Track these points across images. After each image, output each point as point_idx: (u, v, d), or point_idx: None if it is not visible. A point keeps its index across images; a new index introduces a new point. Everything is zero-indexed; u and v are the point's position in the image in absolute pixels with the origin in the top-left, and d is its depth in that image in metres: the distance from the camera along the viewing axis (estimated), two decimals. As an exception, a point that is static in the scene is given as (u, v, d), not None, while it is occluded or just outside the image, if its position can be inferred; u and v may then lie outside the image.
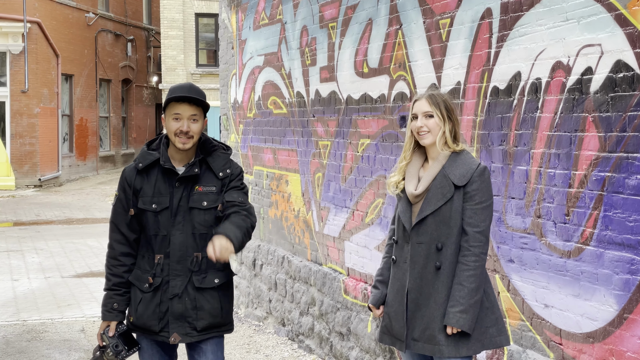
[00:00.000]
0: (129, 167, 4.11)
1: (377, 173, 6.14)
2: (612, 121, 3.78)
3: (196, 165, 4.01)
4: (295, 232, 7.85)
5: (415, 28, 5.51)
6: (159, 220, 4.00)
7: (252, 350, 7.33)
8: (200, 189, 4.00)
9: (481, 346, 3.80)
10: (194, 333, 4.02)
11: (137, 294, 4.05)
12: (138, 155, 4.10)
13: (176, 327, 4.00)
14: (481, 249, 3.76)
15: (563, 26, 4.10)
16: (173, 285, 3.99)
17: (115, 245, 4.09)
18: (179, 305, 3.99)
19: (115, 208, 4.11)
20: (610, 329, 3.83)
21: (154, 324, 4.01)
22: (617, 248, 3.76)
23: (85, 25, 29.66)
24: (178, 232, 3.99)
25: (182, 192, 4.00)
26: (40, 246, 13.81)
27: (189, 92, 3.98)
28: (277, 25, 8.11)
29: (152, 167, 4.04)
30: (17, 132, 25.41)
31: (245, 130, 9.20)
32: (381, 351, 5.91)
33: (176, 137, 3.97)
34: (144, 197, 4.02)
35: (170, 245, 3.99)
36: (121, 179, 4.11)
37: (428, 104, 3.86)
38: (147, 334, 4.07)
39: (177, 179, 4.00)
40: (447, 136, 3.85)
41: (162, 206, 4.00)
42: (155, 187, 4.01)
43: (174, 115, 3.97)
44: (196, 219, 4.00)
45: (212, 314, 4.04)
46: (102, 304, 4.14)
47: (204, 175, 4.03)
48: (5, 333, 7.98)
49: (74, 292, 10.04)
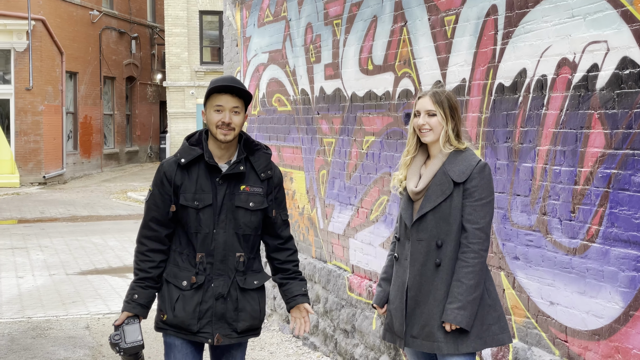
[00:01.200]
0: (168, 162, 3.99)
1: (382, 170, 6.14)
2: (618, 118, 3.77)
3: (242, 163, 3.93)
4: (299, 230, 7.85)
5: (420, 25, 5.50)
6: (200, 218, 3.89)
7: (256, 348, 7.33)
8: (248, 189, 3.94)
9: (483, 343, 3.80)
10: (234, 335, 3.94)
11: (174, 292, 3.92)
12: (179, 150, 3.99)
13: (218, 328, 3.90)
14: (480, 246, 3.75)
15: (569, 23, 4.09)
16: (217, 285, 3.89)
17: (145, 241, 3.97)
18: (221, 306, 3.90)
19: (148, 204, 4.00)
20: (616, 326, 3.82)
21: (192, 323, 3.89)
22: (623, 245, 3.75)
23: (90, 22, 29.68)
24: (222, 231, 3.90)
25: (226, 190, 3.91)
26: (44, 243, 13.83)
27: (231, 82, 3.91)
28: (281, 22, 8.10)
29: (194, 163, 3.93)
30: (22, 129, 25.45)
31: (249, 127, 9.20)
32: (386, 348, 5.91)
33: (218, 129, 3.87)
34: (186, 193, 3.91)
35: (213, 243, 3.90)
36: (158, 174, 3.98)
37: (431, 102, 3.86)
38: (182, 334, 3.93)
39: (220, 177, 3.91)
40: (450, 134, 3.84)
41: (204, 203, 3.90)
42: (197, 184, 3.91)
43: (215, 107, 3.87)
44: (242, 219, 3.93)
45: (253, 315, 3.97)
46: (125, 295, 3.99)
47: (249, 175, 3.96)
48: (10, 330, 7.99)
49: (79, 289, 10.06)
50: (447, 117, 3.84)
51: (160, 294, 3.98)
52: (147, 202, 4.02)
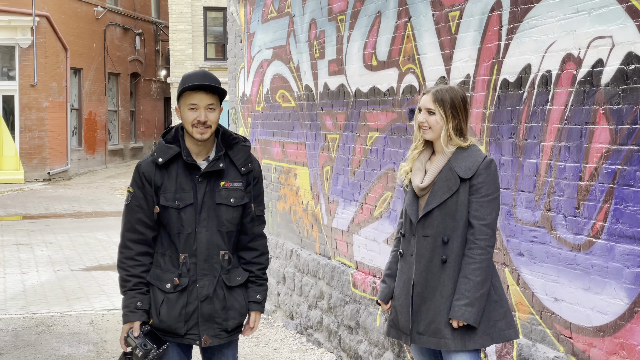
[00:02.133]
0: (145, 162, 3.87)
1: (386, 166, 6.13)
2: (623, 114, 3.76)
3: (221, 160, 3.84)
4: (303, 226, 7.84)
5: (425, 20, 5.49)
6: (182, 218, 3.80)
7: (260, 344, 7.33)
8: (228, 185, 3.85)
9: (490, 339, 3.79)
10: (223, 334, 3.87)
11: (158, 295, 3.82)
12: (156, 149, 3.88)
13: (206, 329, 3.82)
14: (487, 242, 3.74)
15: (574, 18, 4.07)
16: (202, 286, 3.81)
17: (131, 244, 3.84)
18: (208, 307, 3.82)
19: (129, 206, 3.86)
20: (620, 322, 3.81)
21: (179, 326, 3.80)
22: (628, 241, 3.74)
23: (94, 19, 29.69)
24: (204, 230, 3.81)
25: (206, 188, 3.82)
26: (49, 239, 13.85)
27: (204, 80, 3.78)
28: (285, 18, 8.09)
29: (172, 162, 3.83)
30: (26, 125, 25.48)
31: (253, 123, 9.20)
32: (390, 345, 5.90)
33: (193, 128, 3.77)
34: (166, 193, 3.81)
35: (196, 243, 3.81)
36: (136, 174, 3.86)
37: (432, 100, 3.83)
38: (169, 337, 3.84)
39: (200, 174, 3.82)
40: (451, 133, 3.81)
41: (185, 203, 3.80)
42: (177, 183, 3.81)
43: (190, 106, 3.77)
44: (224, 216, 3.84)
45: (241, 312, 3.91)
46: (123, 306, 3.84)
47: (228, 170, 3.87)
48: (14, 326, 8.00)
49: (83, 285, 10.07)
50: (447, 117, 3.80)
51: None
52: (129, 205, 3.86)
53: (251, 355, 6.91)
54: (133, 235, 3.85)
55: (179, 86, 3.85)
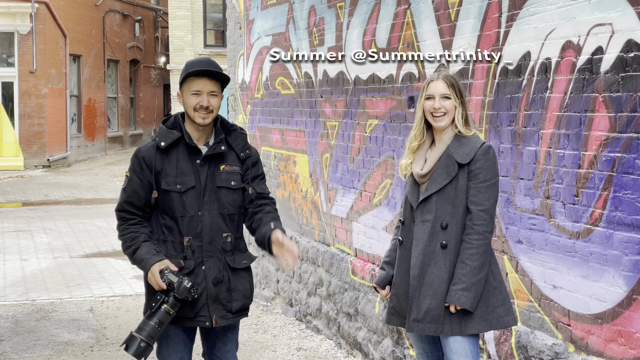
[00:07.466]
0: (145, 147, 3.95)
1: (385, 154, 6.12)
2: (622, 101, 3.75)
3: (222, 143, 3.94)
4: (303, 213, 7.84)
5: (424, 8, 5.47)
6: (184, 201, 3.87)
7: (259, 331, 7.35)
8: (228, 168, 3.94)
9: (488, 325, 3.80)
10: (229, 315, 3.92)
11: None
12: (157, 133, 3.95)
13: (214, 310, 3.88)
14: (485, 228, 3.76)
15: (573, 5, 4.06)
16: (208, 267, 3.87)
17: (127, 215, 3.91)
18: (215, 288, 3.87)
19: (125, 190, 3.93)
20: (619, 310, 3.82)
21: (188, 310, 3.85)
22: (627, 229, 3.74)
23: (93, 5, 29.61)
24: (207, 213, 3.89)
25: (207, 171, 3.91)
26: (49, 226, 13.86)
27: (208, 66, 3.88)
28: (285, 5, 8.06)
29: (172, 147, 3.91)
30: (26, 112, 25.44)
31: (253, 110, 9.18)
32: (389, 332, 5.92)
33: (196, 113, 3.87)
34: (167, 177, 3.88)
35: (200, 225, 3.87)
36: (136, 159, 3.92)
37: (446, 85, 3.86)
38: (175, 321, 3.85)
39: (202, 158, 3.91)
40: (460, 118, 3.86)
41: (187, 186, 3.87)
42: (178, 167, 3.89)
43: (193, 91, 3.87)
44: (225, 199, 3.92)
45: (245, 294, 3.97)
46: (143, 256, 3.81)
47: (228, 154, 3.97)
48: (14, 312, 8.02)
49: (83, 272, 10.08)
50: (462, 100, 3.86)
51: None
52: (125, 189, 3.93)
53: (250, 342, 6.92)
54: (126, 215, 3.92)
55: (182, 72, 3.92)
